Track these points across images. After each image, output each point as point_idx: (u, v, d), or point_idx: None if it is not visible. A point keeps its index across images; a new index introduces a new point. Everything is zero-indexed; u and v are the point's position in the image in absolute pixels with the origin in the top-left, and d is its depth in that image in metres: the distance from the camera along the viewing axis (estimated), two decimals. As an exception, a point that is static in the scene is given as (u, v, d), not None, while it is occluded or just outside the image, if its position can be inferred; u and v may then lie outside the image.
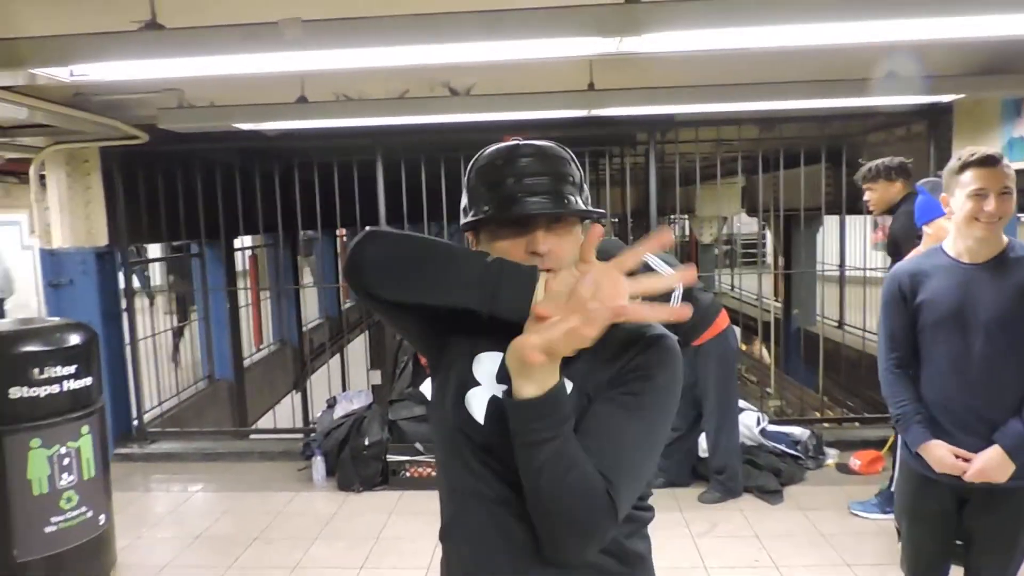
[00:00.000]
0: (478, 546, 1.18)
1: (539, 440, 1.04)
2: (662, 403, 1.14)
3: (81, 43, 2.55)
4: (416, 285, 1.10)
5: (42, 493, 3.21)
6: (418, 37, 2.68)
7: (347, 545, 3.80)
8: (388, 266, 1.11)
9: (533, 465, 1.05)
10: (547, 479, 1.04)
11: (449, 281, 1.08)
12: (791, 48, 3.00)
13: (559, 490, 1.05)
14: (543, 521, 1.08)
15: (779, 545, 3.66)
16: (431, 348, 1.28)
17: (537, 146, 1.20)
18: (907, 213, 3.75)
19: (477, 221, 1.19)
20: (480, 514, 1.17)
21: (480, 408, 1.16)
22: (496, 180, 1.18)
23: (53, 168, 4.92)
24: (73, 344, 3.34)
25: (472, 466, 1.17)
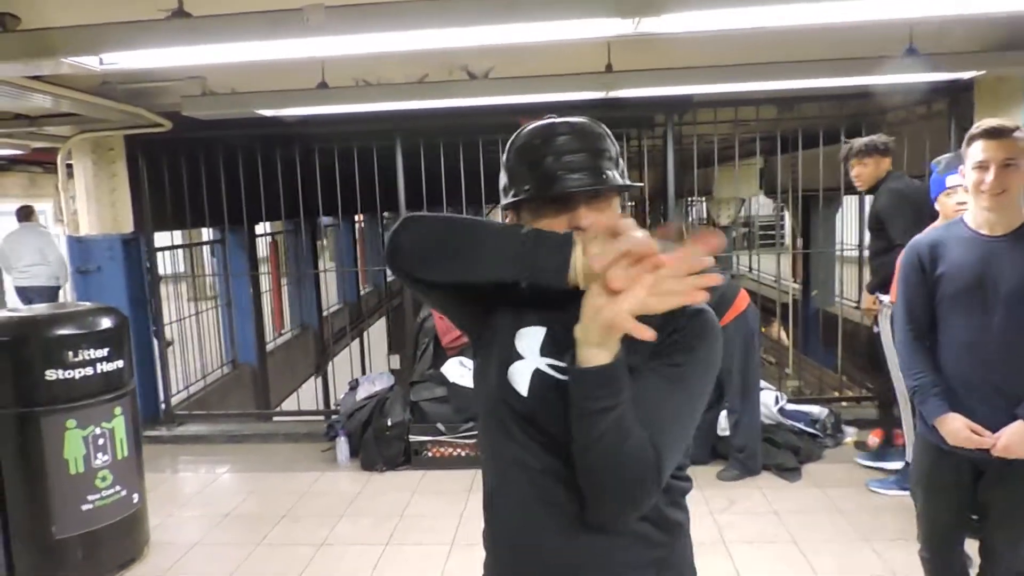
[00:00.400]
0: (523, 516, 1.20)
1: (603, 408, 1.06)
2: (702, 374, 1.18)
3: (112, 32, 2.61)
4: (455, 264, 1.12)
5: (78, 472, 3.32)
6: (439, 20, 2.72)
7: (372, 523, 3.88)
8: (426, 248, 1.14)
9: (593, 433, 1.07)
10: (605, 447, 1.07)
11: (487, 257, 1.10)
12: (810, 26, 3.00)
13: (616, 458, 1.07)
14: (593, 487, 1.11)
15: (797, 521, 3.70)
16: (473, 326, 1.31)
17: (573, 123, 1.23)
18: (891, 191, 3.86)
19: (518, 200, 1.22)
20: (524, 484, 1.20)
21: (524, 381, 1.19)
22: (535, 159, 1.20)
23: (79, 156, 5.01)
24: (105, 327, 3.43)
25: (516, 437, 1.20)
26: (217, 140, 5.31)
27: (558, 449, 1.15)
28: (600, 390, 1.06)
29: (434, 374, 4.81)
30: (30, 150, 6.31)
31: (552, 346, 1.20)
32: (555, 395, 1.15)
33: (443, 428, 4.54)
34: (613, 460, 1.07)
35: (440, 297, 1.29)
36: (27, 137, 5.31)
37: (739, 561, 3.35)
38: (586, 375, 1.06)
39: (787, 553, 3.43)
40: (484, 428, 1.31)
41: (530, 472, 1.19)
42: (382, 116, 4.68)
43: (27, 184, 9.08)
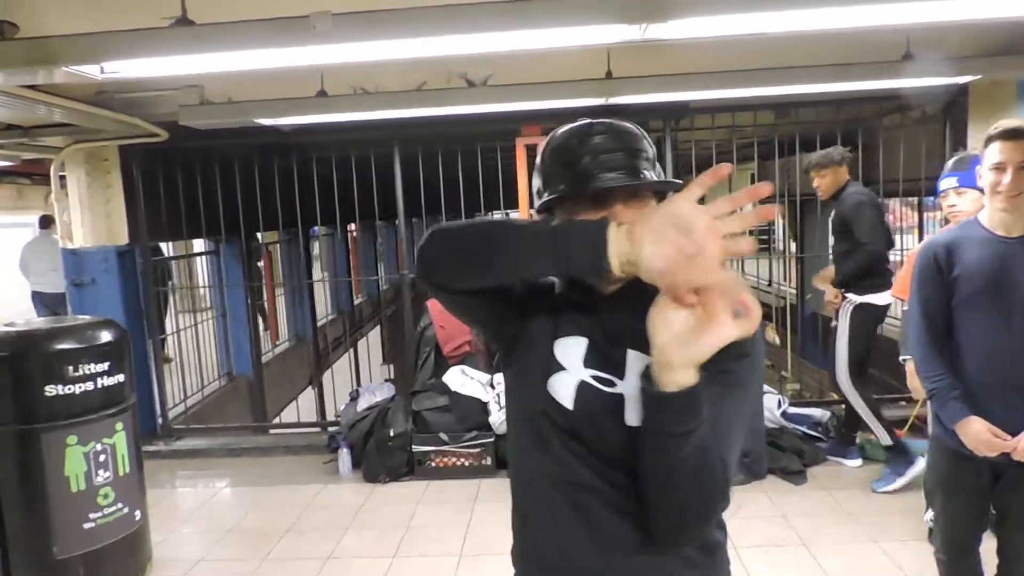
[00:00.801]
0: (559, 533, 1.16)
1: (686, 431, 1.01)
2: (754, 380, 1.15)
3: (114, 40, 2.57)
4: (488, 268, 1.07)
5: (79, 490, 3.25)
6: (445, 27, 2.70)
7: (377, 535, 3.84)
8: (457, 258, 1.10)
9: (677, 456, 1.02)
10: (688, 468, 1.02)
11: (519, 255, 1.04)
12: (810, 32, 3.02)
13: (697, 476, 1.03)
14: (671, 508, 1.07)
15: (805, 524, 3.70)
16: (505, 337, 1.26)
17: (610, 124, 1.21)
18: (852, 195, 4.16)
19: (553, 200, 1.19)
20: (562, 501, 1.16)
21: (567, 394, 1.15)
22: (571, 159, 1.19)
23: (73, 167, 4.95)
24: (105, 341, 3.37)
25: (554, 451, 1.16)
26: (213, 150, 5.27)
27: (597, 465, 1.13)
28: (684, 414, 1.01)
29: (436, 383, 4.78)
30: (20, 161, 6.23)
31: (595, 357, 1.16)
32: (601, 409, 1.13)
33: (446, 438, 4.51)
34: (695, 479, 1.04)
35: (474, 306, 1.25)
36: (18, 148, 5.24)
37: (750, 566, 3.33)
38: (672, 400, 0.99)
39: (798, 556, 3.42)
40: (517, 442, 1.26)
41: (566, 488, 1.15)
42: (380, 124, 4.66)
43: (15, 195, 8.97)
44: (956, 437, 2.16)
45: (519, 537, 1.28)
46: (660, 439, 1.02)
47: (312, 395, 7.76)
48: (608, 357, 1.16)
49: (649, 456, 1.05)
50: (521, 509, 1.25)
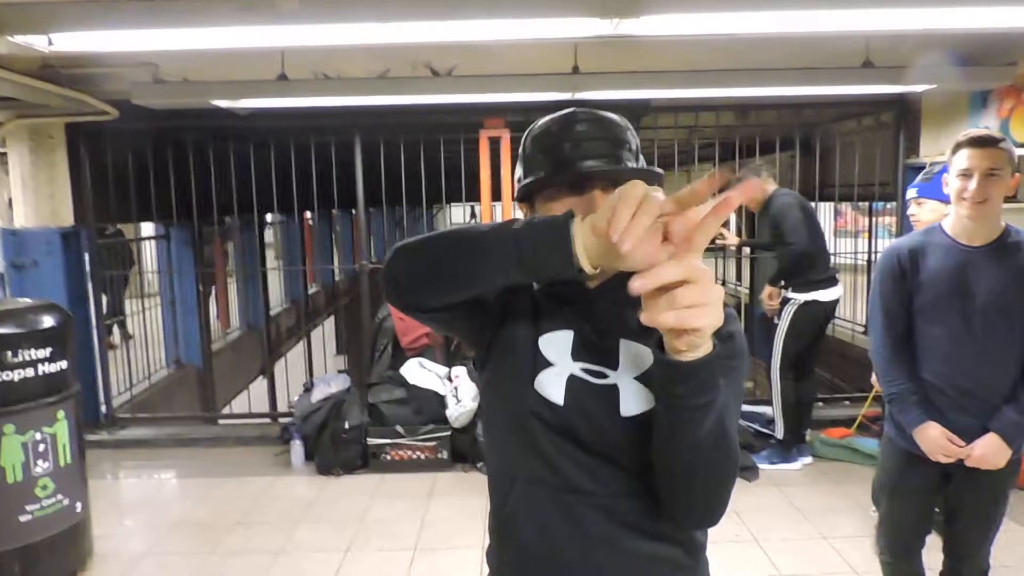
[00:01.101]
0: (547, 537, 1.13)
1: (708, 402, 0.94)
2: (744, 360, 1.12)
3: (66, 11, 2.46)
4: (458, 283, 1.03)
5: (16, 481, 3.11)
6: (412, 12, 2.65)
7: (331, 529, 3.77)
8: (424, 275, 1.05)
9: (701, 431, 0.96)
10: (711, 445, 0.98)
11: (487, 266, 0.99)
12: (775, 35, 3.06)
13: (720, 454, 0.99)
14: (691, 489, 1.03)
15: (758, 520, 3.75)
16: (482, 343, 1.22)
17: (594, 112, 1.19)
18: (778, 198, 4.40)
19: (532, 187, 1.17)
20: (549, 504, 1.13)
21: (557, 389, 1.12)
22: (552, 145, 1.17)
23: (15, 144, 4.72)
24: (48, 326, 3.23)
25: (543, 452, 1.12)
26: (166, 131, 5.10)
27: (588, 462, 1.10)
28: (705, 383, 0.93)
29: (393, 375, 4.71)
30: (-42, 136, 5.93)
31: (584, 350, 1.14)
32: (594, 402, 1.10)
33: (402, 431, 4.45)
34: (716, 455, 0.99)
35: (449, 320, 1.19)
36: (-44, 122, 4.98)
37: (704, 562, 3.36)
38: (695, 367, 0.90)
39: (749, 552, 3.47)
40: (499, 444, 1.22)
41: (551, 490, 1.12)
42: (341, 111, 4.57)
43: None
44: (908, 438, 2.19)
45: (501, 539, 1.23)
46: (681, 414, 0.96)
47: (264, 385, 7.60)
48: (598, 349, 1.13)
49: (668, 436, 0.99)
50: (502, 511, 1.21)
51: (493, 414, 1.24)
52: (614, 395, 1.11)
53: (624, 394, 1.10)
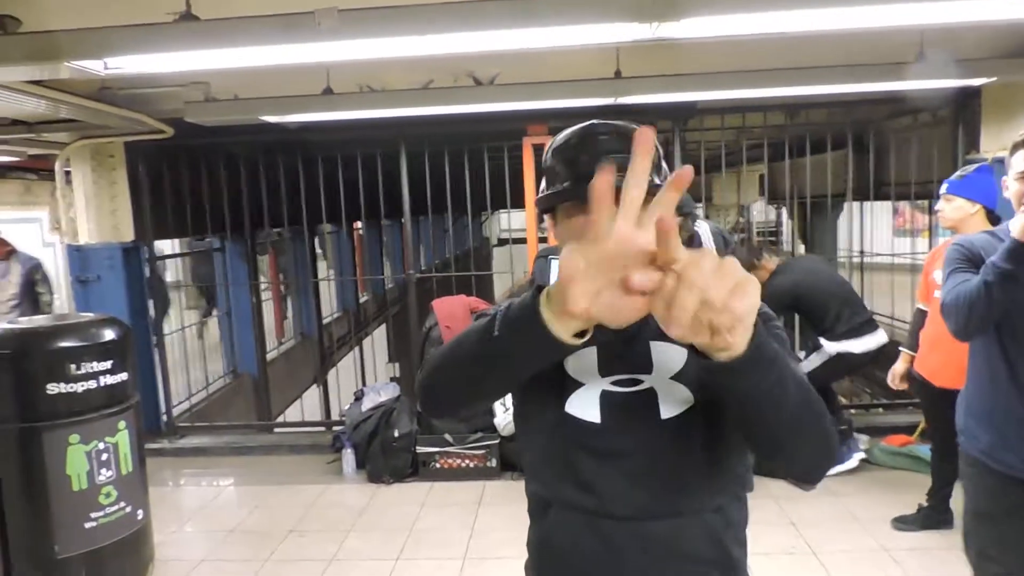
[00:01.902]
0: (579, 561, 1.13)
1: (776, 379, 0.87)
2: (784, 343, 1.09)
3: (118, 36, 2.54)
4: (487, 390, 1.08)
5: (81, 489, 3.23)
6: (452, 25, 2.66)
7: (382, 537, 3.81)
8: (458, 394, 1.09)
9: (789, 397, 0.90)
10: (795, 401, 0.92)
11: (496, 380, 1.02)
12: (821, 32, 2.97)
13: (805, 408, 0.94)
14: (789, 450, 0.98)
15: (814, 531, 3.65)
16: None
17: (614, 125, 1.18)
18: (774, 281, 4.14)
19: (552, 199, 1.17)
20: (581, 528, 1.12)
21: (592, 408, 1.11)
22: (573, 158, 1.16)
23: (78, 164, 4.93)
24: (109, 339, 3.35)
25: (580, 478, 1.11)
26: (218, 147, 5.25)
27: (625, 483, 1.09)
28: (765, 366, 0.85)
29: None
30: (26, 157, 6.22)
31: (611, 362, 1.13)
32: (632, 411, 1.10)
33: (451, 439, 4.47)
34: (800, 416, 0.93)
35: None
36: (24, 143, 5.22)
37: (758, 574, 3.28)
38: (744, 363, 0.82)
39: (807, 564, 3.37)
40: (535, 471, 1.21)
41: (587, 515, 1.11)
42: (386, 122, 4.63)
43: (22, 191, 8.95)
44: (996, 457, 1.94)
45: (538, 558, 1.23)
46: (757, 403, 0.89)
47: (317, 394, 7.74)
48: (627, 356, 1.12)
49: (752, 422, 0.95)
50: (539, 533, 1.21)
51: (528, 442, 1.22)
52: (652, 399, 1.10)
53: (663, 396, 1.09)
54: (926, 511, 3.62)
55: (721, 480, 1.13)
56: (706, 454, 1.10)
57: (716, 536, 1.12)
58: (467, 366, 1.03)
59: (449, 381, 1.07)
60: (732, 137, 5.90)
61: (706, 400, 1.07)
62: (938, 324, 3.30)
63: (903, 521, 3.66)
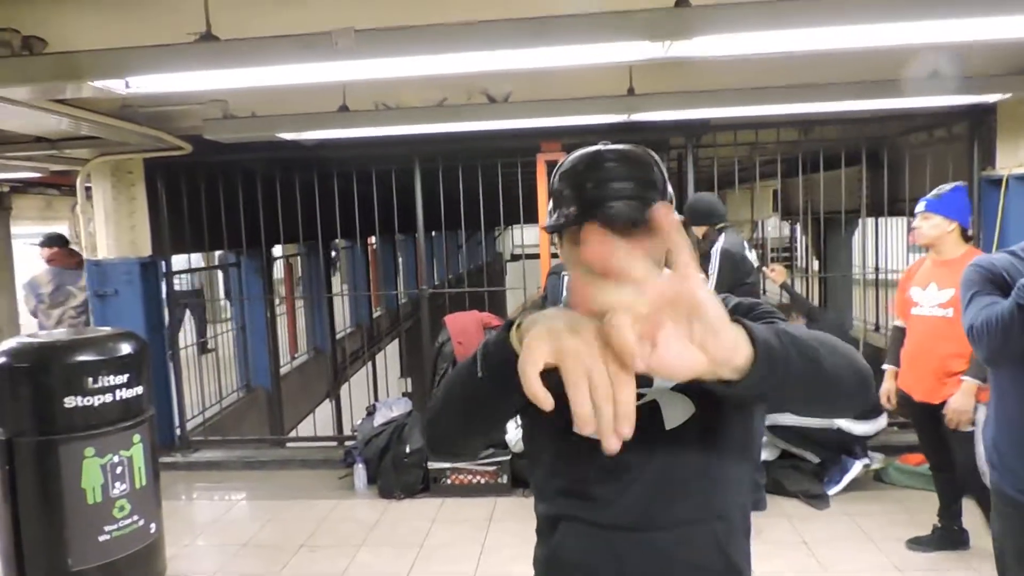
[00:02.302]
0: (588, 573, 1.15)
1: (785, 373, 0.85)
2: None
3: (140, 56, 2.59)
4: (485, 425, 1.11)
5: (96, 502, 3.25)
6: (466, 44, 2.70)
7: (393, 552, 3.80)
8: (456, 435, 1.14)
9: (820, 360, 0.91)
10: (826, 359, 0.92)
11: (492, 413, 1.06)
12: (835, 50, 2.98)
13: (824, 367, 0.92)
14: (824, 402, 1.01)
15: (828, 550, 3.61)
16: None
17: (621, 151, 1.19)
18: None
19: (559, 225, 1.18)
20: (589, 542, 1.14)
21: None
22: (579, 184, 1.17)
23: (99, 180, 5.01)
24: (125, 353, 3.38)
25: (588, 493, 1.13)
26: (235, 163, 5.32)
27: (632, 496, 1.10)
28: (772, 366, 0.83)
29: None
30: (48, 173, 6.31)
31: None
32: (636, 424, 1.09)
33: (462, 454, 4.47)
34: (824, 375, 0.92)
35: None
36: (46, 160, 5.31)
37: (772, 594, 3.26)
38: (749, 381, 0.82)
39: (820, 585, 3.34)
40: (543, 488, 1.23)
41: (595, 529, 1.13)
42: (401, 139, 4.67)
43: (43, 207, 9.10)
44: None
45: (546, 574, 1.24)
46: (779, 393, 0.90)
47: (329, 408, 7.76)
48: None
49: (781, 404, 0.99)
50: (547, 549, 1.22)
51: (535, 461, 1.24)
52: (655, 411, 1.11)
53: (665, 408, 1.11)
54: (940, 532, 3.58)
55: (724, 488, 1.14)
56: (709, 462, 1.12)
57: (721, 545, 1.13)
58: (460, 408, 1.07)
59: (449, 424, 1.11)
60: (745, 153, 5.90)
61: (708, 409, 1.08)
62: (914, 341, 3.33)
63: (918, 542, 3.61)
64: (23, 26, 2.74)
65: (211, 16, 2.60)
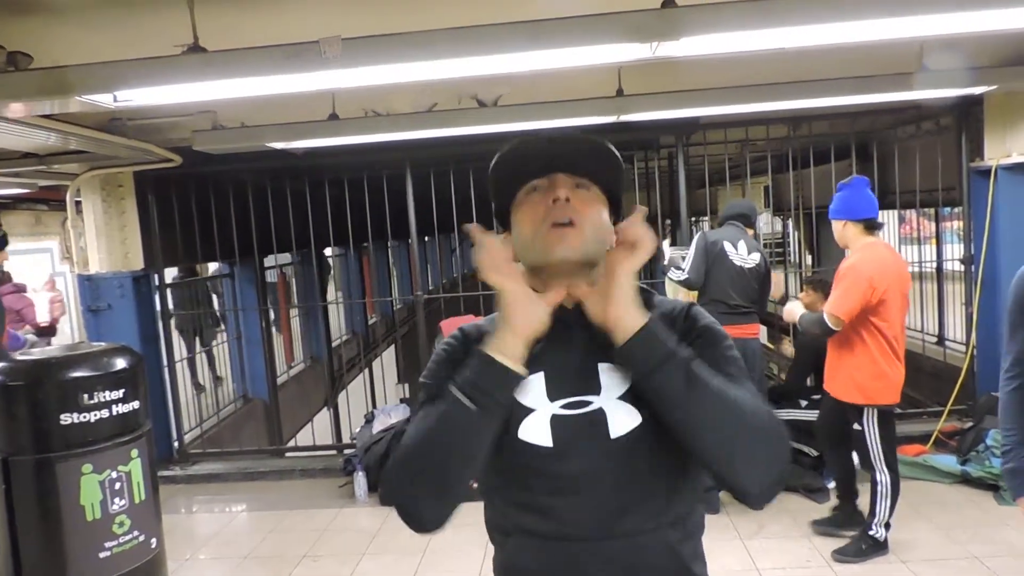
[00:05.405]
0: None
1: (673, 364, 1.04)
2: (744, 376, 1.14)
3: (127, 69, 2.59)
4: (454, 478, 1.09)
5: (95, 519, 3.22)
6: (455, 50, 2.70)
7: (395, 559, 3.79)
8: (423, 491, 1.10)
9: (709, 404, 1.04)
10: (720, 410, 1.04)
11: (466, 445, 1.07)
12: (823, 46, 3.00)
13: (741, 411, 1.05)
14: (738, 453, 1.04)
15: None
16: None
17: (552, 131, 1.20)
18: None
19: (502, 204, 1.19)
20: (542, 553, 1.12)
21: (543, 432, 1.11)
22: (520, 154, 1.16)
23: (89, 194, 4.99)
24: (120, 368, 3.35)
25: (536, 503, 1.12)
26: (226, 174, 5.30)
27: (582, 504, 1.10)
28: (655, 347, 1.05)
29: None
30: (37, 188, 6.29)
31: (558, 386, 1.14)
32: (583, 432, 1.11)
33: (462, 459, 4.46)
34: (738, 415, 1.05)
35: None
36: (35, 175, 5.28)
37: (775, 590, 3.26)
38: (639, 341, 1.05)
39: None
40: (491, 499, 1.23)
41: (546, 540, 1.12)
42: (391, 145, 4.67)
43: (33, 222, 9.05)
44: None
45: None
46: (660, 389, 1.04)
47: (328, 416, 7.74)
48: (576, 378, 1.14)
49: (682, 416, 1.04)
50: (504, 556, 1.21)
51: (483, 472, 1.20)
52: (602, 419, 1.11)
53: (611, 416, 1.10)
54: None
55: (675, 494, 1.14)
56: (658, 470, 1.11)
57: (675, 551, 1.12)
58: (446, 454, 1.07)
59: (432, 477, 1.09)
60: (736, 150, 5.92)
61: (654, 418, 1.08)
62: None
63: (843, 553, 3.51)
64: (8, 42, 2.73)
65: (198, 27, 2.60)
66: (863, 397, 3.37)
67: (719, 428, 1.03)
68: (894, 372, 3.35)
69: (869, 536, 3.46)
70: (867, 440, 3.40)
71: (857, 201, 3.45)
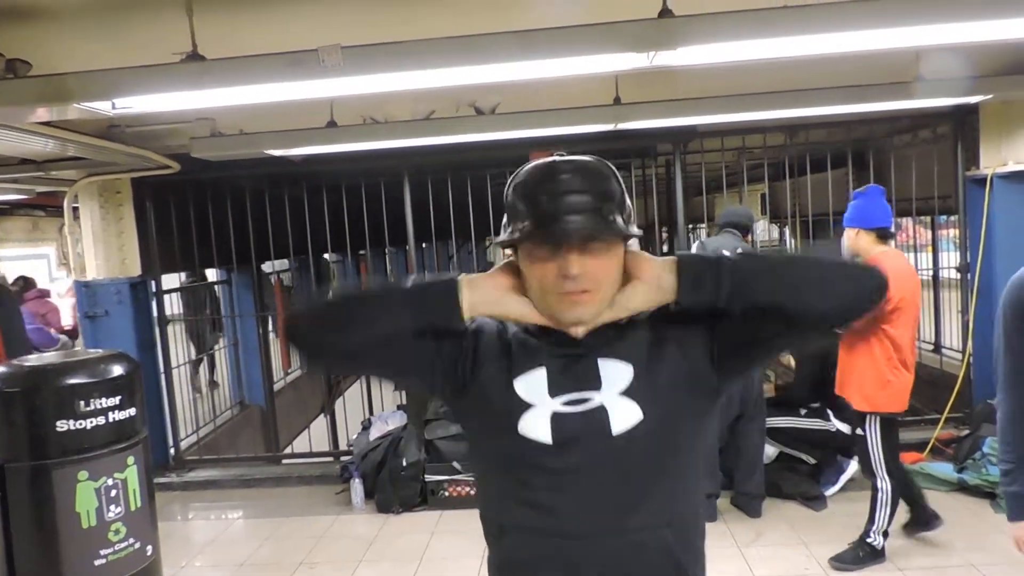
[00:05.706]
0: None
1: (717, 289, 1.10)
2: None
3: (126, 77, 2.59)
4: (356, 327, 1.13)
5: (91, 526, 3.21)
6: (453, 59, 2.71)
7: (392, 567, 3.79)
8: (323, 326, 1.16)
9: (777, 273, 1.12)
10: (787, 270, 1.13)
11: (381, 312, 1.14)
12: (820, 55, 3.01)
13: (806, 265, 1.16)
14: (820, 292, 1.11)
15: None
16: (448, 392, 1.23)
17: (577, 162, 1.16)
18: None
19: (513, 240, 1.16)
20: (539, 550, 1.13)
21: (543, 429, 1.12)
22: (533, 197, 1.14)
23: (86, 200, 4.99)
24: (117, 375, 3.35)
25: (535, 500, 1.12)
26: (224, 180, 5.30)
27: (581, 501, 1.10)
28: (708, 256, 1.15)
29: (449, 411, 4.74)
30: (34, 194, 6.29)
31: (560, 382, 1.14)
32: (584, 429, 1.11)
33: (459, 467, 4.46)
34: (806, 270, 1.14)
35: (382, 369, 1.33)
36: (33, 181, 5.28)
37: (772, 598, 3.26)
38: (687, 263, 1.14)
39: (820, 588, 3.34)
40: (488, 495, 1.23)
41: (544, 537, 1.13)
42: (390, 153, 4.68)
43: (30, 228, 9.05)
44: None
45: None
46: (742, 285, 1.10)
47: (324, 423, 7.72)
48: (575, 376, 1.14)
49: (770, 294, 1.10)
50: (500, 553, 1.22)
51: (481, 467, 1.24)
52: (603, 416, 1.11)
53: (613, 413, 1.11)
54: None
55: (674, 495, 1.14)
56: (658, 468, 1.12)
57: (672, 551, 1.12)
58: (353, 297, 1.22)
59: (331, 308, 1.21)
60: (733, 158, 5.93)
61: (655, 416, 1.09)
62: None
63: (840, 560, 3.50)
64: (7, 49, 2.73)
65: (196, 35, 2.61)
66: (868, 404, 3.36)
67: (807, 280, 1.11)
68: (899, 380, 3.34)
69: (867, 544, 3.46)
70: (868, 447, 3.39)
71: (872, 210, 3.47)
